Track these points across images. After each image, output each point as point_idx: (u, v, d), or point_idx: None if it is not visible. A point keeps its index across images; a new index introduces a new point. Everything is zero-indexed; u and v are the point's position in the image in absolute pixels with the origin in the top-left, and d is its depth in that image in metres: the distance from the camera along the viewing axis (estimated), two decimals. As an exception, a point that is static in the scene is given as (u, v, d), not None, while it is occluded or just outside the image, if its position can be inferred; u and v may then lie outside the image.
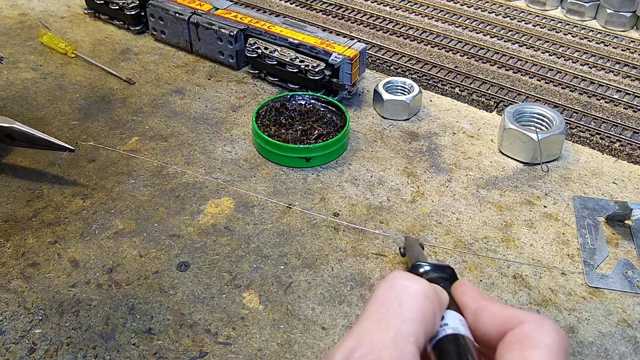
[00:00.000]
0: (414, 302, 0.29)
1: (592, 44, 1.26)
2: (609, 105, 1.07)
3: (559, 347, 0.28)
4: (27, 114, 1.01)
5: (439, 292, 0.31)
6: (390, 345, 0.27)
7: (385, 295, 0.29)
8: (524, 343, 0.28)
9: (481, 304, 0.31)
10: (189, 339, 0.67)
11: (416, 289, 0.30)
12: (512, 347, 0.29)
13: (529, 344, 0.28)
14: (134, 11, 1.21)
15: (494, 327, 0.30)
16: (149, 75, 1.13)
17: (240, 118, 1.02)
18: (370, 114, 1.04)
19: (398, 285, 0.30)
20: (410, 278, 0.30)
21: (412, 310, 0.29)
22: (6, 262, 0.75)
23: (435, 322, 0.30)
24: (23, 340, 0.66)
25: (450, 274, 0.35)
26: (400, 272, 0.31)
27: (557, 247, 0.80)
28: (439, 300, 0.30)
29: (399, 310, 0.29)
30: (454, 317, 0.31)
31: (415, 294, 0.29)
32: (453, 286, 0.34)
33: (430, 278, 0.34)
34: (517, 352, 0.28)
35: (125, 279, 0.73)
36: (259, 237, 0.79)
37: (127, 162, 0.91)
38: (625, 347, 0.67)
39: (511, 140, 0.93)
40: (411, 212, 0.84)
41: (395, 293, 0.29)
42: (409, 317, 0.28)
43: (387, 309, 0.29)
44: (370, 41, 1.24)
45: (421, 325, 0.28)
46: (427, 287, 0.30)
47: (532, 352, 0.28)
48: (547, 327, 0.29)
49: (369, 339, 0.27)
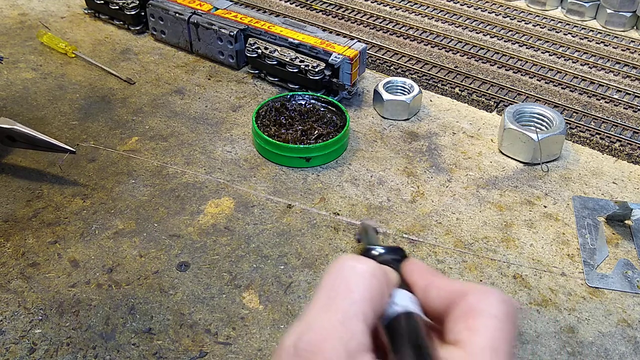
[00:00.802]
0: (361, 283, 0.29)
1: (592, 44, 1.26)
2: (609, 105, 1.07)
3: (505, 316, 0.29)
4: (27, 113, 1.01)
5: (387, 271, 0.32)
6: (339, 327, 0.27)
7: (333, 278, 0.30)
8: (469, 314, 0.29)
9: (429, 280, 0.32)
10: (189, 339, 0.67)
11: (363, 269, 0.30)
12: (458, 320, 0.29)
13: (474, 314, 0.29)
14: (134, 11, 1.21)
15: (441, 301, 0.31)
16: (149, 75, 1.13)
17: (240, 118, 1.02)
18: (370, 114, 1.04)
19: (345, 267, 0.30)
20: (356, 259, 0.30)
21: (359, 291, 0.29)
22: (6, 262, 0.75)
23: (383, 300, 0.30)
24: (23, 340, 0.66)
25: (401, 255, 0.36)
26: (347, 255, 0.31)
27: (557, 247, 0.80)
28: (386, 279, 0.31)
29: (347, 291, 0.29)
30: (403, 295, 0.31)
31: (363, 275, 0.29)
32: (402, 265, 0.34)
33: (382, 260, 0.34)
34: (463, 324, 0.29)
35: (125, 279, 0.73)
36: (259, 237, 0.79)
37: (127, 162, 0.91)
38: (625, 347, 0.67)
39: (511, 140, 0.93)
40: (411, 212, 0.84)
41: (343, 275, 0.29)
42: (357, 298, 0.28)
43: (335, 291, 0.29)
44: (370, 41, 1.24)
45: (370, 305, 0.29)
46: (374, 267, 0.30)
47: (477, 322, 0.28)
48: (491, 297, 0.29)
49: (318, 321, 0.28)
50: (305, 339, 0.27)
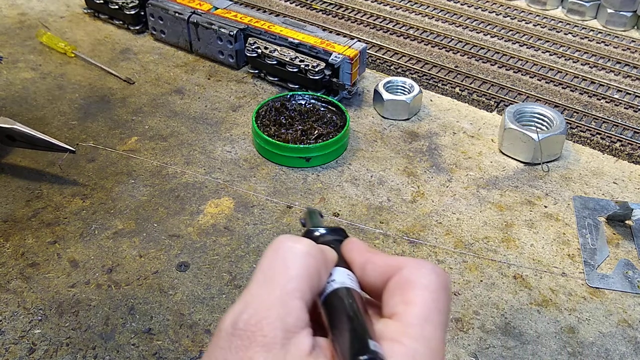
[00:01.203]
0: (298, 261, 0.30)
1: (592, 43, 1.26)
2: (609, 105, 1.07)
3: (438, 286, 0.29)
4: (26, 113, 1.01)
5: (325, 250, 0.32)
6: (277, 303, 0.28)
7: (271, 258, 0.30)
8: (404, 286, 0.29)
9: (366, 257, 0.32)
10: (189, 339, 0.66)
11: (299, 248, 0.30)
12: (393, 293, 0.30)
13: (408, 286, 0.29)
14: (134, 11, 1.21)
15: (378, 276, 0.31)
16: (148, 75, 1.12)
17: (240, 118, 1.02)
18: (370, 114, 1.04)
19: (282, 247, 0.30)
20: (293, 239, 0.31)
21: (296, 268, 0.29)
22: (6, 262, 0.75)
23: (321, 277, 0.30)
24: (23, 341, 0.66)
25: (342, 236, 0.36)
26: (284, 236, 0.31)
27: (557, 247, 0.80)
28: (323, 257, 0.31)
29: (284, 269, 0.29)
30: (341, 272, 0.32)
31: (299, 253, 0.30)
32: (342, 245, 0.35)
33: (324, 241, 0.35)
34: (398, 297, 0.29)
35: (125, 279, 0.73)
36: (259, 237, 0.79)
37: (127, 162, 0.91)
38: (626, 348, 0.67)
39: (511, 140, 0.93)
40: (411, 212, 0.84)
41: (280, 255, 0.30)
42: (293, 275, 0.29)
43: (272, 270, 0.29)
44: (370, 41, 1.24)
45: (306, 282, 0.29)
46: (310, 245, 0.31)
47: (412, 293, 0.29)
48: (424, 268, 0.30)
49: (256, 300, 0.28)
50: (243, 318, 0.27)
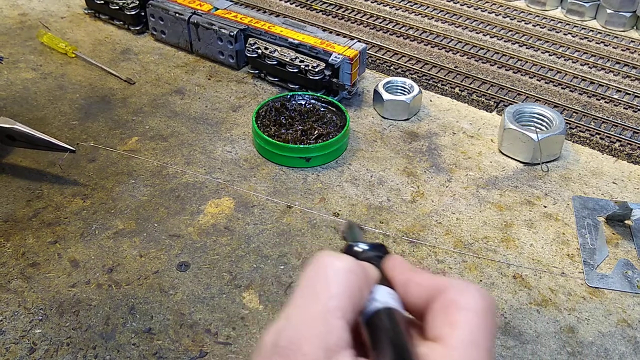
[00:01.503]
0: (339, 278, 0.29)
1: (592, 44, 1.26)
2: (608, 105, 1.07)
3: (483, 309, 0.29)
4: (27, 114, 1.01)
5: (366, 268, 0.32)
6: (318, 321, 0.27)
7: (312, 274, 0.30)
8: (449, 309, 0.29)
9: (409, 276, 0.32)
10: (189, 339, 0.67)
11: (341, 265, 0.30)
12: (438, 314, 0.29)
13: (453, 308, 0.29)
14: (134, 11, 1.21)
15: (421, 296, 0.31)
16: (149, 75, 1.13)
17: (240, 118, 1.02)
18: (370, 114, 1.04)
19: (323, 264, 0.30)
20: (335, 256, 0.30)
21: (338, 286, 0.29)
22: (6, 262, 0.75)
23: (362, 296, 0.30)
24: (23, 340, 0.66)
25: (383, 252, 0.36)
26: (326, 252, 0.31)
27: (557, 247, 0.80)
28: (365, 275, 0.31)
29: (325, 287, 0.29)
30: (383, 291, 0.31)
31: (341, 270, 0.29)
32: (383, 262, 0.34)
33: (365, 257, 0.35)
34: (443, 319, 0.29)
35: (125, 279, 0.73)
36: (259, 237, 0.79)
37: (127, 162, 0.92)
38: (625, 347, 0.67)
39: (511, 140, 0.93)
40: (411, 212, 0.84)
41: (321, 271, 0.30)
42: (335, 293, 0.28)
43: (313, 287, 0.29)
44: (370, 41, 1.24)
45: (348, 300, 0.29)
46: (352, 263, 0.30)
47: (457, 316, 0.28)
48: (470, 291, 0.29)
49: (297, 318, 0.28)
50: (284, 336, 0.27)
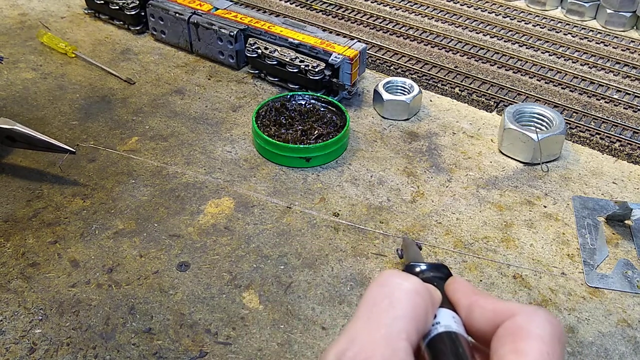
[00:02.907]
0: (405, 299, 0.29)
1: (592, 44, 1.26)
2: (608, 105, 1.07)
3: (552, 337, 0.28)
4: (27, 114, 1.01)
5: (431, 290, 0.31)
6: (382, 343, 0.27)
7: (377, 293, 0.29)
8: (516, 335, 0.28)
9: (473, 300, 0.31)
10: (189, 339, 0.67)
11: (407, 286, 0.29)
12: (504, 341, 0.28)
13: (520, 335, 0.28)
14: (134, 11, 1.21)
15: (486, 321, 0.30)
16: (149, 75, 1.13)
17: (240, 118, 1.02)
18: (370, 114, 1.04)
19: (389, 283, 0.29)
20: (401, 276, 0.30)
21: (403, 308, 0.28)
22: (6, 262, 0.75)
23: (427, 319, 0.29)
24: (23, 340, 0.66)
25: (445, 273, 0.35)
26: (391, 270, 0.31)
27: (557, 247, 0.80)
28: (430, 297, 0.30)
29: (390, 307, 0.28)
30: (446, 314, 0.31)
31: (406, 291, 0.29)
32: (446, 284, 0.34)
33: (425, 277, 0.34)
34: (509, 345, 0.28)
35: (125, 279, 0.73)
36: (259, 237, 0.79)
37: (127, 162, 0.92)
38: (625, 347, 0.67)
39: (511, 140, 0.93)
40: (411, 212, 0.84)
41: (386, 291, 0.29)
42: (400, 314, 0.28)
43: (378, 307, 0.28)
44: (370, 41, 1.24)
45: (413, 322, 0.28)
46: (418, 284, 0.30)
47: (524, 344, 0.27)
48: (538, 317, 0.29)
49: (361, 337, 0.27)
50: (347, 356, 0.27)
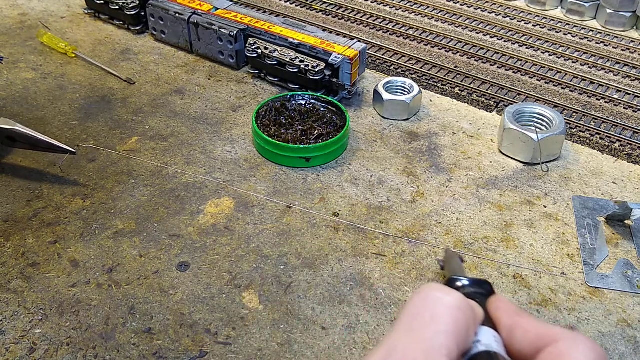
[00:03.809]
0: (447, 315, 0.28)
1: (592, 44, 1.26)
2: (608, 105, 1.07)
3: None
4: (27, 114, 1.01)
5: (473, 306, 0.31)
6: (423, 357, 0.27)
7: (418, 306, 0.29)
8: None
9: (515, 320, 0.31)
10: (189, 339, 0.67)
11: (450, 301, 0.29)
12: None
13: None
14: (134, 11, 1.21)
15: (528, 344, 0.30)
16: (149, 75, 1.13)
17: (240, 118, 1.02)
18: (370, 114, 1.04)
19: (431, 297, 0.29)
20: (444, 290, 0.30)
21: (445, 323, 0.28)
22: (6, 262, 0.75)
23: (468, 336, 0.29)
24: (23, 340, 0.66)
25: (487, 290, 0.34)
26: (434, 284, 0.30)
27: (557, 247, 0.80)
28: (473, 314, 0.30)
29: (431, 321, 0.28)
30: (487, 333, 0.30)
31: (449, 307, 0.29)
32: (488, 302, 0.33)
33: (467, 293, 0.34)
34: None
35: (125, 279, 0.73)
36: (259, 237, 0.79)
37: (127, 162, 0.92)
38: (625, 347, 0.67)
39: (511, 140, 0.93)
40: (411, 212, 0.84)
41: (428, 304, 0.29)
42: (441, 329, 0.28)
43: (419, 320, 0.28)
44: (370, 41, 1.24)
45: (454, 338, 0.28)
46: (461, 300, 0.29)
47: None
48: (583, 345, 0.28)
49: (402, 349, 0.27)
50: None
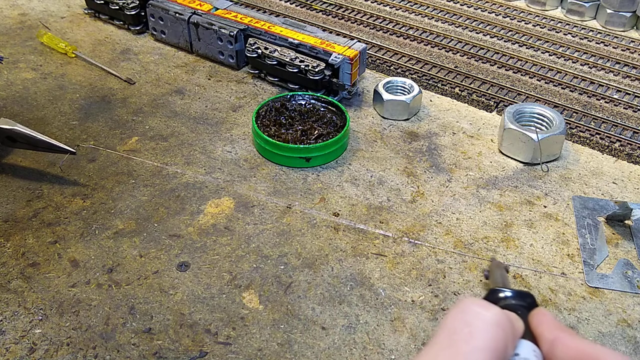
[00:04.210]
0: (485, 331, 0.28)
1: (592, 44, 1.26)
2: (608, 105, 1.07)
3: None
4: (27, 114, 1.01)
5: (513, 321, 0.30)
6: None
7: (457, 320, 0.29)
8: None
9: (557, 335, 0.31)
10: (189, 339, 0.67)
11: (489, 317, 0.29)
12: None
13: None
14: (134, 11, 1.21)
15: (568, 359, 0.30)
16: (149, 75, 1.13)
17: (240, 118, 1.02)
18: (370, 114, 1.04)
19: (470, 312, 0.29)
20: (483, 305, 0.29)
21: (483, 339, 0.28)
22: (6, 262, 0.75)
23: (506, 352, 0.29)
24: (23, 340, 0.66)
25: (529, 303, 0.34)
26: (473, 299, 0.30)
27: (557, 247, 0.80)
28: (512, 330, 0.30)
29: (470, 337, 0.28)
30: (527, 347, 0.30)
31: (488, 322, 0.28)
32: (530, 315, 0.33)
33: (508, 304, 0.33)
34: None
35: (125, 279, 0.73)
36: (259, 237, 0.79)
37: (127, 162, 0.92)
38: (625, 347, 0.67)
39: (511, 140, 0.93)
40: (411, 212, 0.84)
41: (467, 319, 0.29)
42: (479, 346, 0.28)
43: (458, 335, 0.28)
44: (370, 41, 1.24)
45: (492, 355, 0.28)
46: (500, 315, 0.29)
47: None
48: None
49: None
50: None
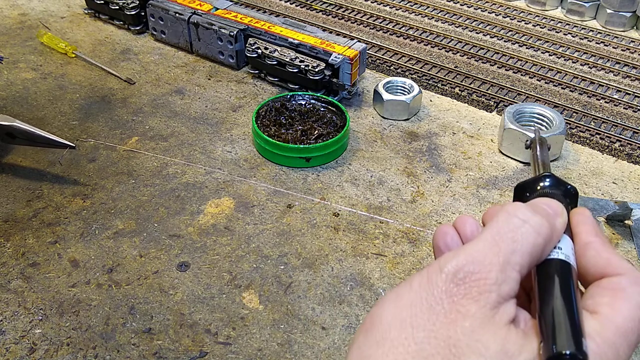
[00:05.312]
0: (526, 238, 0.31)
1: (592, 44, 1.26)
2: (608, 105, 1.07)
3: None
4: (27, 114, 1.01)
5: (559, 214, 0.33)
6: (498, 268, 0.30)
7: (502, 224, 0.32)
8: (617, 293, 0.30)
9: (592, 240, 0.33)
10: (189, 339, 0.67)
11: (531, 225, 0.32)
12: (605, 293, 0.31)
13: (621, 295, 0.30)
14: (134, 11, 1.21)
15: (595, 266, 0.32)
16: (149, 75, 1.13)
17: (240, 118, 1.02)
18: (370, 114, 1.04)
19: (515, 219, 0.32)
20: (528, 213, 0.32)
21: (523, 244, 0.31)
22: (6, 262, 0.75)
23: (542, 255, 0.32)
24: (23, 340, 0.66)
25: (573, 194, 0.37)
26: (520, 206, 0.33)
27: (557, 247, 0.80)
28: (551, 236, 0.32)
29: (512, 241, 0.31)
30: (568, 245, 0.33)
31: (530, 231, 0.32)
32: (572, 212, 0.36)
33: (551, 193, 0.36)
34: (608, 298, 0.30)
35: (125, 279, 0.73)
36: (259, 237, 0.79)
37: (127, 162, 0.92)
38: (625, 347, 0.67)
39: (511, 140, 0.93)
40: (411, 212, 0.84)
41: (511, 225, 0.32)
42: (519, 249, 0.31)
43: (501, 237, 0.31)
44: (370, 41, 1.24)
45: (528, 259, 0.31)
46: (542, 224, 0.32)
47: (622, 304, 0.30)
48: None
49: (480, 258, 0.30)
50: (465, 270, 0.30)
